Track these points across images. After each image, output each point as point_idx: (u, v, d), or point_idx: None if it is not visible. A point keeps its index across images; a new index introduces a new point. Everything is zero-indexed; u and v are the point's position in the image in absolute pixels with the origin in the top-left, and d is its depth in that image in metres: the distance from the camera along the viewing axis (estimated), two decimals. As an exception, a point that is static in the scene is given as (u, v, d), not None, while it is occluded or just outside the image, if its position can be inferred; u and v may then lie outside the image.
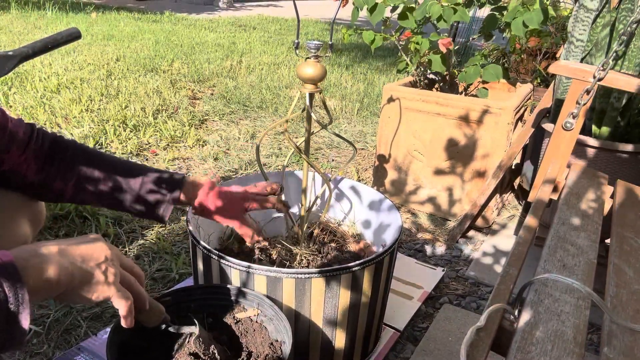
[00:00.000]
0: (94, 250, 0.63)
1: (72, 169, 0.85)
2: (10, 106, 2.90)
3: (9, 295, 0.49)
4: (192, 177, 0.98)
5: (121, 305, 0.64)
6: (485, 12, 2.27)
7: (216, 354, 0.86)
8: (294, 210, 1.49)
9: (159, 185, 0.92)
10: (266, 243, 1.22)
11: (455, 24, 2.33)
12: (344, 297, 1.08)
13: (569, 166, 1.45)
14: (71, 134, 2.60)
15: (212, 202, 1.00)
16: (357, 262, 1.05)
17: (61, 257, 0.57)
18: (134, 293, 0.68)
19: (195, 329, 0.85)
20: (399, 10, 2.01)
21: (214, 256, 1.07)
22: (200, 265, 1.14)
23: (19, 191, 0.85)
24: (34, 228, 0.95)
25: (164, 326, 0.82)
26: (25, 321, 0.51)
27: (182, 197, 0.97)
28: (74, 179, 0.85)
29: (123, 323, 0.67)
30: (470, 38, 2.27)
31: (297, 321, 1.08)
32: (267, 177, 1.20)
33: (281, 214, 1.44)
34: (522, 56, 3.29)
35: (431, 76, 2.19)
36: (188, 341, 0.87)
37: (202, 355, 0.85)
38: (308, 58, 1.08)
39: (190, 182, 0.98)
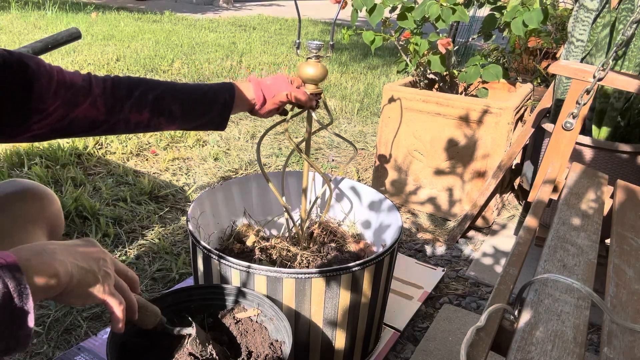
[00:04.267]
0: (91, 252, 0.63)
1: (145, 102, 0.89)
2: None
3: (14, 295, 0.50)
4: (237, 82, 1.02)
5: (114, 309, 0.64)
6: (485, 12, 2.27)
7: (214, 354, 0.86)
8: (294, 210, 1.49)
9: (218, 96, 0.97)
10: (266, 243, 1.22)
11: (454, 24, 2.33)
12: (344, 297, 1.08)
13: (569, 166, 1.45)
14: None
15: (264, 89, 1.03)
16: (357, 262, 1.05)
17: (61, 257, 0.57)
18: (126, 300, 0.68)
19: (192, 330, 0.85)
20: (398, 11, 2.01)
21: (214, 256, 1.07)
22: (201, 265, 1.14)
23: (86, 133, 0.86)
24: (52, 239, 0.94)
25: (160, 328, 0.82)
26: (30, 322, 0.51)
27: (237, 101, 1.01)
28: (148, 108, 0.89)
29: (114, 327, 0.66)
30: (470, 38, 2.27)
31: (297, 321, 1.08)
32: (267, 178, 1.20)
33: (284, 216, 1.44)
34: (522, 56, 3.28)
35: (431, 76, 2.19)
36: (187, 342, 0.87)
37: (200, 356, 0.85)
38: (309, 58, 1.08)
39: (239, 86, 1.01)
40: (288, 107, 1.10)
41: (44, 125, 0.78)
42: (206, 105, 0.96)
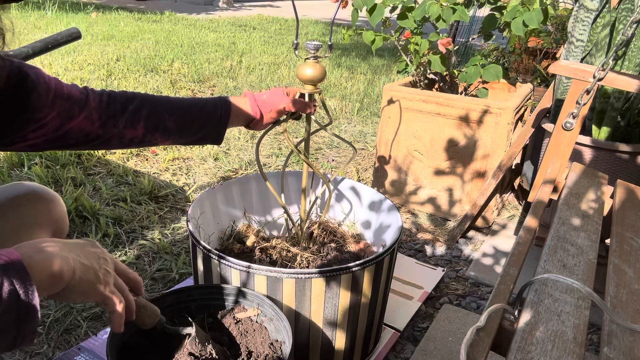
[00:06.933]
0: (91, 250, 0.64)
1: (139, 117, 0.89)
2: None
3: (20, 292, 0.50)
4: (232, 97, 1.01)
5: (113, 308, 0.65)
6: (485, 12, 2.27)
7: (214, 354, 0.86)
8: (294, 210, 1.49)
9: (214, 111, 0.97)
10: (267, 243, 1.22)
11: (455, 24, 2.33)
12: (344, 297, 1.08)
13: (568, 166, 1.45)
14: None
15: (260, 104, 1.03)
16: (357, 262, 1.05)
17: (63, 253, 0.58)
18: (124, 300, 0.68)
19: (191, 330, 0.85)
20: (398, 11, 2.01)
21: (214, 256, 1.07)
22: (201, 266, 1.14)
23: (80, 146, 0.86)
24: (57, 237, 0.94)
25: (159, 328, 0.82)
26: (36, 318, 0.52)
27: (233, 117, 1.01)
28: (142, 123, 0.90)
29: (113, 327, 0.67)
30: (470, 38, 2.27)
31: (297, 321, 1.08)
32: (265, 177, 1.20)
33: (283, 216, 1.44)
34: (522, 56, 3.28)
35: (431, 76, 2.19)
36: (186, 341, 0.87)
37: (200, 356, 0.85)
38: (307, 59, 1.08)
39: (234, 102, 1.01)
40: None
41: (39, 135, 0.79)
42: (202, 121, 0.96)
